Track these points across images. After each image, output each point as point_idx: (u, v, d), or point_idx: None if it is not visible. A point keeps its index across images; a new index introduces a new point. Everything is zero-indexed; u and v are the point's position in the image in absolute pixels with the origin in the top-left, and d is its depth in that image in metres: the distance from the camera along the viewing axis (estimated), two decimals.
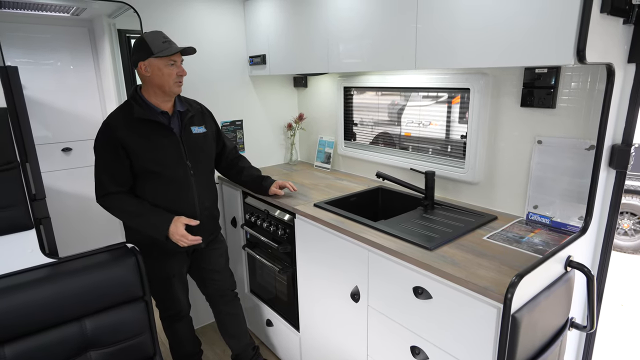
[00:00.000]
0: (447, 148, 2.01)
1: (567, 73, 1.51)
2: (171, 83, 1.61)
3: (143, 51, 1.56)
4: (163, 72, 1.58)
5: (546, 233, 1.55)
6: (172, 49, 1.59)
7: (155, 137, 1.64)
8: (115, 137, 1.58)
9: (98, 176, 1.64)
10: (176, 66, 1.62)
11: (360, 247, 1.61)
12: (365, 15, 1.75)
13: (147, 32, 1.65)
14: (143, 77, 1.62)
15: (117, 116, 1.62)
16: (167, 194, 1.70)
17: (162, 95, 1.64)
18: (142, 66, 1.58)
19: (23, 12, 2.32)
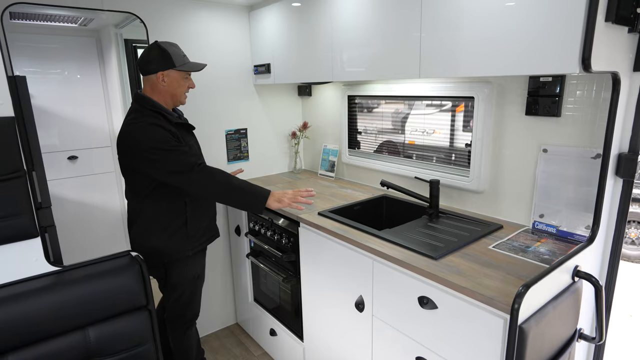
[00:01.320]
0: (451, 156, 2.00)
1: (572, 81, 1.50)
2: (182, 94, 1.74)
3: (165, 62, 1.63)
4: (180, 83, 1.69)
5: (553, 242, 1.53)
6: (193, 65, 1.72)
7: (186, 137, 1.75)
8: (172, 131, 1.63)
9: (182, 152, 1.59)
10: (189, 80, 1.75)
11: (364, 256, 1.60)
12: (370, 25, 1.76)
13: (164, 42, 1.69)
14: (156, 86, 1.66)
15: (157, 119, 1.63)
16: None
17: (171, 103, 1.74)
18: (161, 76, 1.64)
19: (32, 23, 2.36)
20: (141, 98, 1.67)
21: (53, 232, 1.50)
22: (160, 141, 1.58)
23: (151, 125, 1.59)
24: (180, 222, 1.75)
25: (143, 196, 1.71)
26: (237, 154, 2.69)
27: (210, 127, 2.55)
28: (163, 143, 1.58)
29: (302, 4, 2.12)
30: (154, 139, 1.58)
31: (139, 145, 1.58)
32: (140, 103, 1.66)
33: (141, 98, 1.67)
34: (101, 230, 2.14)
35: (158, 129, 1.59)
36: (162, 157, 1.57)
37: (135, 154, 1.60)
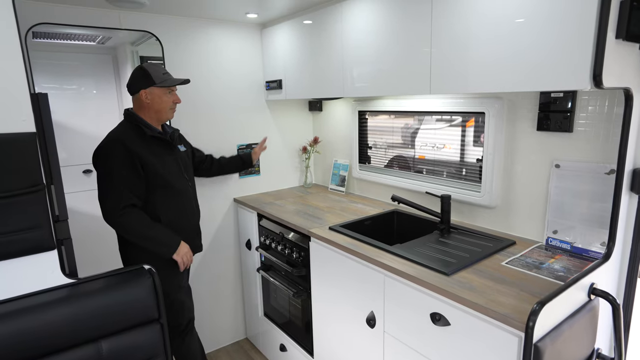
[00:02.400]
0: (461, 171, 2.00)
1: (584, 97, 1.50)
2: (167, 109, 1.80)
3: (145, 80, 1.73)
4: (162, 99, 1.77)
5: (567, 259, 1.51)
6: (173, 80, 1.79)
7: (162, 153, 1.81)
8: (132, 152, 1.69)
9: (116, 190, 1.69)
10: (173, 95, 1.81)
11: (376, 272, 1.59)
12: (381, 41, 1.79)
13: (147, 63, 1.82)
14: (142, 103, 1.77)
15: (127, 134, 1.73)
16: (177, 204, 1.85)
17: (157, 120, 1.82)
18: (144, 94, 1.75)
19: (53, 42, 2.44)
20: (127, 113, 1.81)
21: (69, 244, 1.52)
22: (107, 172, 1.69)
23: (115, 142, 1.69)
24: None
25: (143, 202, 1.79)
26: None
27: (222, 142, 2.58)
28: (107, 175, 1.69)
29: (314, 22, 2.16)
30: (105, 165, 1.69)
31: (95, 163, 1.73)
32: (125, 116, 1.80)
33: (127, 113, 1.81)
34: (113, 243, 2.18)
35: (117, 149, 1.68)
36: (101, 186, 1.71)
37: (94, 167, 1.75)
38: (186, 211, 1.90)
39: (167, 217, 1.81)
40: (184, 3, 2.07)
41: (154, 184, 1.76)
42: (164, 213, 1.80)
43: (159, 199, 1.79)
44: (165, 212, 1.80)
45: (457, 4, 1.46)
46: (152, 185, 1.76)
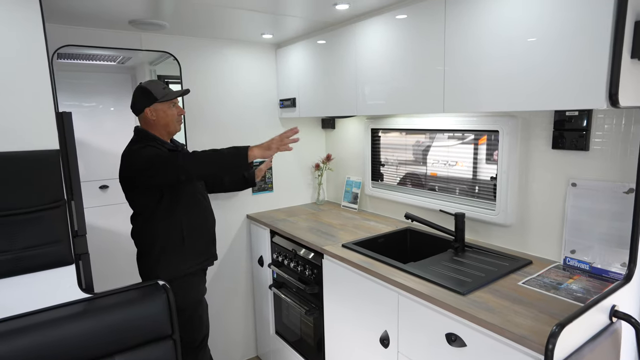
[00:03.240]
0: (474, 188, 1.99)
1: (599, 115, 1.50)
2: (175, 122, 1.84)
3: (147, 98, 1.78)
4: (167, 113, 1.80)
5: (586, 280, 1.48)
6: (172, 93, 1.82)
7: None
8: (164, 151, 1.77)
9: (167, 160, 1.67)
10: (176, 107, 1.85)
11: (389, 290, 1.58)
12: (395, 61, 1.82)
13: (146, 82, 1.85)
14: (148, 121, 1.81)
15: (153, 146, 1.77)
16: (198, 213, 1.89)
17: (167, 134, 1.86)
18: (149, 111, 1.79)
19: (76, 62, 2.54)
20: (138, 130, 1.84)
21: (86, 259, 1.55)
22: (150, 155, 1.70)
23: (143, 148, 1.74)
24: (176, 242, 1.82)
25: (142, 217, 1.83)
26: (261, 185, 2.75)
27: None
28: (153, 156, 1.70)
29: (327, 42, 2.21)
30: (145, 155, 1.71)
31: (136, 164, 1.72)
32: (137, 134, 1.84)
33: (138, 130, 1.84)
34: (130, 257, 2.21)
35: (150, 149, 1.74)
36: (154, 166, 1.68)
37: (134, 172, 1.73)
38: (206, 218, 1.94)
39: (189, 223, 1.84)
40: (203, 25, 2.14)
41: (176, 193, 1.80)
42: (186, 220, 1.83)
43: (181, 209, 1.83)
44: (187, 219, 1.84)
45: (469, 23, 1.48)
46: (175, 195, 1.80)
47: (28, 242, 1.34)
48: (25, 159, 1.32)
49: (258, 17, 2.02)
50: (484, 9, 1.43)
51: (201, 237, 1.91)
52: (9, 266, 1.32)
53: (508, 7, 1.36)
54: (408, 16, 1.73)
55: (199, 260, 1.91)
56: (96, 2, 1.71)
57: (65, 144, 1.43)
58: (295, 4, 1.81)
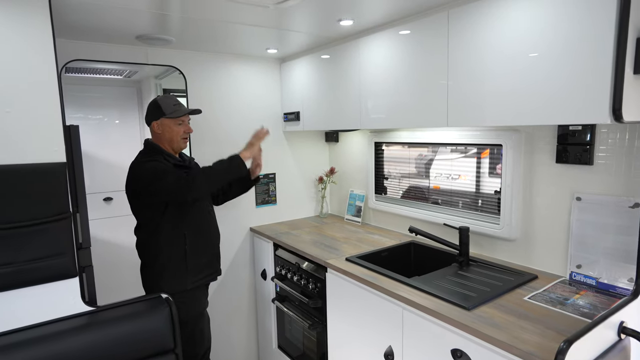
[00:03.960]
0: (478, 202, 1.99)
1: (603, 130, 1.50)
2: (179, 139, 1.86)
3: (156, 112, 1.81)
4: (173, 129, 1.83)
5: (593, 295, 1.46)
6: (181, 110, 1.84)
7: None
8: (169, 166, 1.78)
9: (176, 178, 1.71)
10: (184, 125, 1.86)
11: (394, 305, 1.56)
12: (398, 75, 1.84)
13: (161, 95, 1.89)
14: (155, 134, 1.86)
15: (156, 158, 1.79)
16: (201, 227, 1.90)
17: (172, 149, 1.88)
18: (155, 125, 1.82)
19: (83, 76, 2.58)
20: (147, 143, 1.88)
21: (90, 272, 1.55)
22: (156, 170, 1.73)
23: (149, 162, 1.76)
24: (179, 256, 1.82)
25: (147, 230, 1.84)
26: (265, 197, 2.75)
27: None
28: (158, 171, 1.72)
29: (331, 56, 2.24)
30: (152, 169, 1.73)
31: (140, 178, 1.75)
32: (145, 146, 1.88)
33: (147, 143, 1.88)
34: (133, 270, 2.20)
35: (154, 163, 1.75)
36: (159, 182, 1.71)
37: (138, 186, 1.76)
38: (211, 233, 1.95)
39: (193, 238, 1.85)
40: (208, 40, 2.18)
41: (180, 207, 1.81)
42: (190, 234, 1.83)
43: (185, 223, 1.83)
44: (191, 233, 1.84)
45: (472, 38, 1.50)
46: (179, 209, 1.81)
47: (33, 255, 1.34)
48: (33, 171, 1.33)
49: (263, 33, 2.05)
50: (486, 25, 1.45)
51: (205, 252, 1.91)
52: (13, 278, 1.32)
53: (510, 23, 1.38)
54: (411, 32, 1.75)
55: (202, 275, 1.90)
56: (105, 18, 1.74)
57: (72, 157, 1.44)
58: (300, 20, 1.84)
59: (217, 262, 2.01)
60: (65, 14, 1.63)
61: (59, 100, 1.41)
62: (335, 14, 1.76)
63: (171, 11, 1.69)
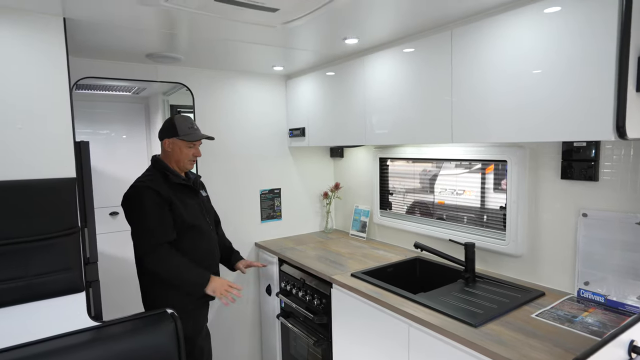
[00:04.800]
0: (483, 217, 1.99)
1: (608, 146, 1.51)
2: (186, 161, 1.88)
3: (170, 131, 1.84)
4: (182, 151, 1.85)
5: (602, 313, 1.45)
6: (194, 135, 1.86)
7: (185, 197, 1.87)
8: (162, 195, 1.77)
9: (150, 229, 1.74)
10: (194, 148, 1.88)
11: (400, 321, 1.55)
12: (403, 92, 1.86)
13: (179, 115, 1.90)
14: (165, 151, 1.88)
15: (155, 180, 1.81)
16: (202, 245, 1.89)
17: (178, 168, 1.90)
18: (167, 142, 1.85)
19: (93, 92, 2.63)
20: (154, 159, 1.90)
21: (96, 287, 1.55)
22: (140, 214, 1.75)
23: (145, 188, 1.77)
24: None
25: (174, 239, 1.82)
26: (270, 213, 2.76)
27: (245, 187, 2.65)
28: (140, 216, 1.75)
29: (336, 73, 2.28)
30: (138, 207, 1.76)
31: (126, 206, 1.80)
32: (152, 162, 1.90)
33: (154, 159, 1.90)
34: (138, 285, 2.21)
35: (147, 193, 1.75)
36: (135, 228, 1.77)
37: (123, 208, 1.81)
38: (210, 253, 1.93)
39: (191, 258, 1.83)
40: (216, 58, 2.23)
41: (183, 224, 1.81)
42: (189, 254, 1.83)
43: (184, 241, 1.83)
44: (190, 254, 1.83)
45: (475, 56, 1.53)
46: (181, 227, 1.81)
47: (41, 269, 1.36)
48: (44, 186, 1.35)
49: (269, 51, 2.10)
50: (489, 43, 1.48)
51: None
52: (22, 293, 1.33)
53: (512, 42, 1.40)
54: (415, 49, 1.79)
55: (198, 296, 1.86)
56: (117, 38, 1.79)
57: (82, 172, 1.47)
58: (306, 39, 1.88)
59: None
60: (78, 34, 1.68)
61: (70, 117, 1.45)
62: (340, 33, 1.80)
63: (180, 31, 1.73)
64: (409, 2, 1.43)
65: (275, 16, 1.41)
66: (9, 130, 1.33)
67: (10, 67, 1.33)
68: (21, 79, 1.35)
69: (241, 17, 1.43)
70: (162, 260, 1.74)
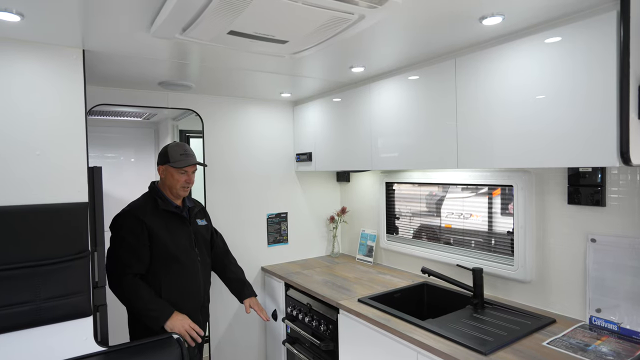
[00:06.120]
0: (490, 242, 1.98)
1: (614, 172, 1.51)
2: (178, 187, 1.89)
3: (163, 158, 1.90)
4: (174, 177, 1.88)
5: (615, 341, 1.42)
6: (185, 161, 1.88)
7: (173, 226, 1.87)
8: (143, 222, 1.79)
9: (120, 256, 1.75)
10: (186, 175, 1.90)
11: (408, 348, 1.53)
12: (409, 118, 1.90)
13: (171, 143, 1.94)
14: (160, 177, 1.94)
15: (143, 207, 1.84)
16: (180, 277, 1.84)
17: (172, 194, 1.92)
18: (160, 169, 1.92)
19: (105, 118, 2.71)
20: (150, 186, 1.95)
21: (104, 311, 1.56)
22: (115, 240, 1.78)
23: (128, 214, 1.82)
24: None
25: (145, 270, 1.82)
26: (277, 237, 2.77)
27: (252, 211, 2.67)
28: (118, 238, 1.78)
29: (342, 100, 2.33)
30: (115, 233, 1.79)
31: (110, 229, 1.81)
32: (149, 188, 1.95)
33: (150, 186, 1.95)
34: None
35: (128, 220, 1.79)
36: (110, 246, 1.79)
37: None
38: (190, 285, 1.87)
39: (168, 290, 1.80)
40: (226, 85, 2.29)
41: (161, 253, 1.80)
42: (165, 285, 1.80)
43: (164, 270, 1.80)
44: (167, 285, 1.80)
45: (479, 82, 1.56)
46: (159, 256, 1.80)
47: (51, 293, 1.37)
48: (58, 211, 1.38)
49: (278, 79, 2.16)
50: (492, 70, 1.52)
51: (185, 303, 1.83)
52: (32, 317, 1.34)
53: (516, 69, 1.44)
54: (420, 77, 1.83)
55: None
56: (131, 67, 1.86)
57: (94, 197, 1.50)
58: (314, 68, 1.94)
59: (200, 314, 1.93)
60: (95, 64, 1.75)
61: (85, 143, 1.49)
62: (347, 62, 1.86)
63: (192, 61, 1.80)
64: (413, 33, 1.48)
65: (284, 47, 1.47)
66: (29, 156, 1.38)
67: (33, 96, 1.39)
68: (42, 107, 1.40)
69: (252, 49, 1.49)
70: (123, 286, 1.72)
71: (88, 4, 1.15)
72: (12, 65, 1.37)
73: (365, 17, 1.23)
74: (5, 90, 1.35)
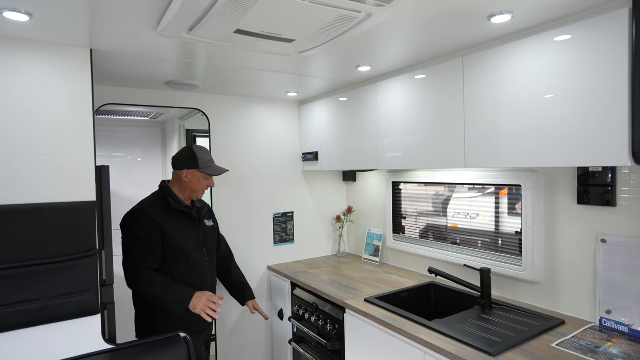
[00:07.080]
0: (497, 242, 1.96)
1: (625, 171, 1.49)
2: (200, 191, 1.93)
3: (191, 162, 1.87)
4: (200, 182, 1.89)
5: (626, 343, 1.40)
6: (215, 170, 1.92)
7: (183, 225, 1.88)
8: (155, 221, 1.80)
9: (136, 253, 1.77)
10: (210, 180, 1.93)
11: (414, 348, 1.52)
12: (416, 117, 1.89)
13: (197, 146, 1.94)
14: (180, 180, 1.90)
15: (154, 206, 1.85)
16: (189, 275, 1.86)
17: (189, 197, 1.93)
18: (185, 173, 1.88)
19: (112, 117, 2.72)
20: (161, 185, 1.94)
21: (112, 309, 1.57)
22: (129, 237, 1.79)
23: (140, 212, 1.82)
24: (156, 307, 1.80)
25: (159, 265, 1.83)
26: (283, 236, 2.77)
27: (259, 210, 2.67)
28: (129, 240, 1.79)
29: (349, 99, 2.32)
30: (129, 231, 1.79)
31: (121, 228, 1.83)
32: (159, 187, 1.94)
33: (161, 185, 1.94)
34: None
35: (141, 218, 1.80)
36: (124, 243, 1.81)
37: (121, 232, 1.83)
38: (197, 285, 1.86)
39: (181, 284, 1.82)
40: (232, 84, 2.29)
41: (172, 251, 1.82)
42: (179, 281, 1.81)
43: (172, 268, 1.82)
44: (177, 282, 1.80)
45: (487, 82, 1.55)
46: (170, 254, 1.82)
47: (59, 291, 1.38)
48: (66, 209, 1.39)
49: (284, 78, 2.16)
50: (501, 68, 1.50)
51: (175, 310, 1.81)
52: (39, 315, 1.35)
53: (524, 67, 1.42)
54: (427, 76, 1.82)
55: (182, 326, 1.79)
56: (138, 67, 1.87)
57: (102, 196, 1.51)
58: (320, 67, 1.94)
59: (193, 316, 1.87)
60: (103, 63, 1.76)
61: (93, 143, 1.50)
62: (353, 61, 1.85)
63: (199, 60, 1.80)
64: (420, 32, 1.47)
65: (291, 46, 1.46)
66: (37, 155, 1.39)
67: (41, 96, 1.40)
68: (50, 107, 1.41)
69: (258, 48, 1.49)
70: (143, 278, 1.75)
71: (96, 4, 1.16)
72: (20, 64, 1.38)
73: (373, 16, 1.22)
74: (14, 90, 1.36)
